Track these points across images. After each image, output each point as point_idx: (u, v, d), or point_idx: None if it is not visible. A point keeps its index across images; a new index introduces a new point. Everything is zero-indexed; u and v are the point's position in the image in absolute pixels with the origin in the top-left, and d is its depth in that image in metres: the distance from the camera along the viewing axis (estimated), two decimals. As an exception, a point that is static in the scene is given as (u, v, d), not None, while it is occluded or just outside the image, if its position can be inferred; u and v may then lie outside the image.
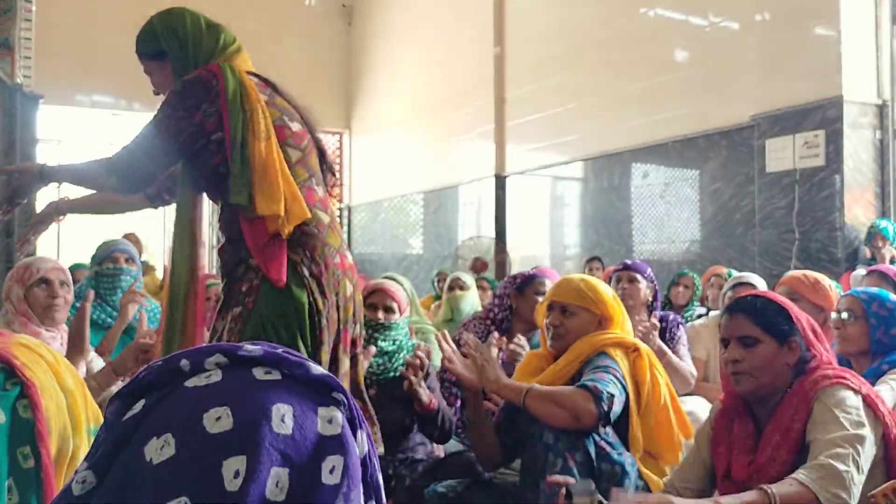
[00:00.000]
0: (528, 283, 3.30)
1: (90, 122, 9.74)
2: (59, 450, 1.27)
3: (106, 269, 3.25)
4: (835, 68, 5.02)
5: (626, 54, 6.63)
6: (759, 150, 5.46)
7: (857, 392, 1.79)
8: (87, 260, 3.69)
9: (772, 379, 1.85)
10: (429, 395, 2.51)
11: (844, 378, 1.81)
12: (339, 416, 0.64)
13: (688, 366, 3.37)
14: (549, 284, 3.27)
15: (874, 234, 4.83)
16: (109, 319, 3.14)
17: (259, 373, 0.64)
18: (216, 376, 0.63)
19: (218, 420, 0.60)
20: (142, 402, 0.64)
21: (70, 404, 1.34)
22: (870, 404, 1.79)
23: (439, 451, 2.71)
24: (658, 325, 3.27)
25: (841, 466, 1.65)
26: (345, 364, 2.04)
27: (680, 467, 2.05)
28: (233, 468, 0.58)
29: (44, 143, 8.68)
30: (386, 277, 3.67)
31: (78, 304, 2.46)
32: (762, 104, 5.45)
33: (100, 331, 3.07)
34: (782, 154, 5.29)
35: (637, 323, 3.44)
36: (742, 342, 1.86)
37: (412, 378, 2.46)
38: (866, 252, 4.94)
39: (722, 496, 1.76)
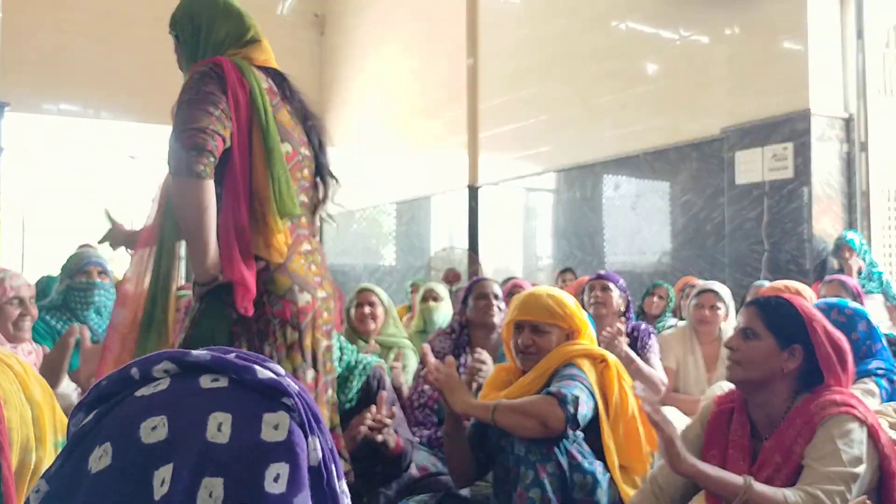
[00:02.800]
0: (470, 292, 3.34)
1: (57, 131, 9.62)
2: (21, 462, 1.23)
3: (78, 282, 3.17)
4: (803, 82, 5.08)
5: (597, 67, 6.68)
6: (729, 163, 5.51)
7: (862, 423, 1.75)
8: (52, 271, 3.61)
9: (763, 377, 1.84)
10: (395, 438, 2.45)
11: (853, 406, 1.77)
12: (287, 421, 0.62)
13: (658, 373, 3.39)
14: (493, 286, 3.30)
15: (841, 246, 4.89)
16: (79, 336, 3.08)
17: (206, 380, 0.63)
18: (164, 384, 0.63)
19: (154, 430, 0.59)
20: (94, 412, 0.64)
21: (36, 416, 1.30)
22: (872, 435, 1.75)
23: (413, 468, 2.67)
24: (623, 330, 3.29)
25: (828, 502, 1.64)
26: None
27: (663, 466, 1.98)
28: (161, 478, 0.57)
29: (8, 151, 8.58)
30: (364, 289, 3.76)
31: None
32: (732, 117, 5.50)
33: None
34: (751, 166, 5.34)
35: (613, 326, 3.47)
36: (744, 333, 1.89)
37: (377, 438, 2.36)
38: (834, 263, 4.99)
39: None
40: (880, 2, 5.28)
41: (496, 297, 3.29)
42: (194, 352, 0.65)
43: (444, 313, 4.51)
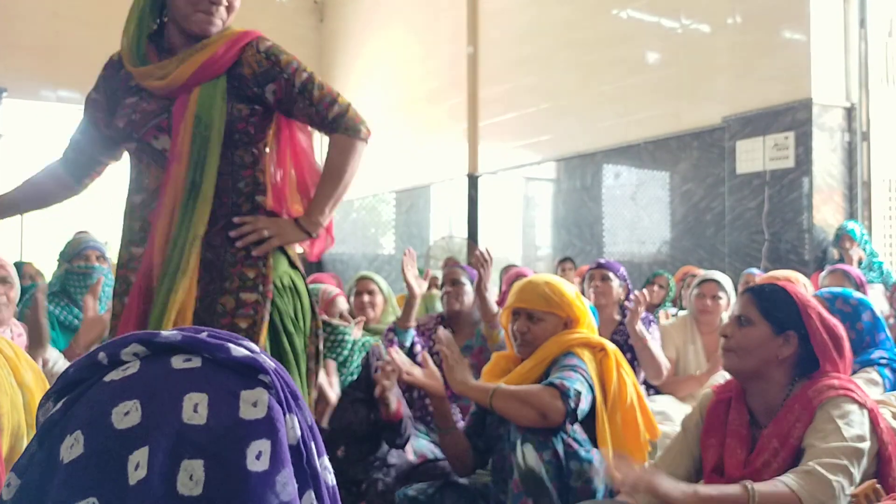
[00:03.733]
0: (444, 283, 3.36)
1: (55, 117, 9.57)
2: (12, 448, 1.22)
3: (77, 266, 3.15)
4: (804, 71, 5.06)
5: (598, 55, 6.65)
6: (730, 152, 5.49)
7: (862, 406, 1.75)
8: (41, 256, 3.58)
9: (758, 364, 1.83)
10: (397, 401, 2.47)
11: (850, 390, 1.76)
12: (266, 397, 0.61)
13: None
14: (456, 273, 3.30)
15: (842, 236, 4.88)
16: (77, 321, 3.04)
17: (177, 361, 0.61)
18: (133, 368, 0.61)
19: (126, 415, 0.58)
20: (63, 400, 0.62)
21: (27, 401, 1.29)
22: (872, 420, 1.75)
23: (411, 455, 2.67)
24: (646, 297, 3.29)
25: (832, 476, 1.61)
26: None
27: (664, 456, 2.01)
28: (136, 462, 0.56)
29: (6, 138, 8.54)
30: (363, 277, 3.77)
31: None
32: (733, 106, 5.48)
33: (67, 332, 2.98)
34: (752, 156, 5.33)
35: (609, 320, 3.46)
36: (738, 320, 1.88)
37: (385, 383, 2.39)
38: (834, 253, 4.98)
39: (703, 486, 1.74)
40: (883, -10, 5.26)
41: (455, 283, 3.29)
42: (164, 332, 0.63)
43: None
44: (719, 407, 1.92)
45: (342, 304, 2.51)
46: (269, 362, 0.64)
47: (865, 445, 1.68)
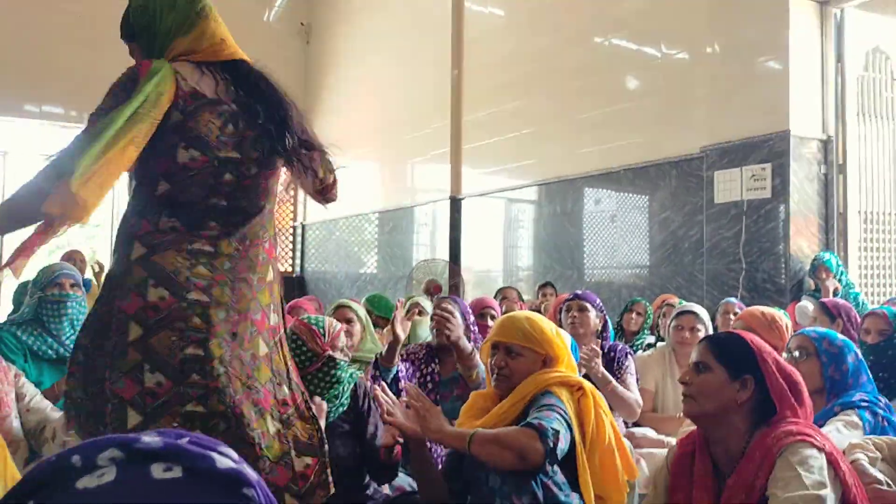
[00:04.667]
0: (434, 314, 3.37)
1: (39, 134, 9.53)
2: None
3: (51, 295, 3.09)
4: (782, 103, 5.15)
5: (580, 83, 6.73)
6: (708, 181, 5.56)
7: (821, 450, 1.77)
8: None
9: (717, 410, 1.88)
10: (397, 444, 2.47)
11: (808, 435, 1.80)
12: None
13: (633, 395, 3.41)
14: (447, 303, 3.32)
15: (818, 266, 4.95)
16: (50, 351, 3.00)
17: (157, 470, 0.57)
18: (109, 475, 0.57)
19: None
20: None
21: None
22: (832, 463, 1.78)
23: (386, 488, 2.68)
24: (599, 351, 3.32)
25: None
26: (262, 423, 1.87)
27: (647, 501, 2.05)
28: None
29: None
30: (341, 305, 3.77)
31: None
32: (712, 136, 5.56)
33: (39, 362, 2.95)
34: (730, 185, 5.40)
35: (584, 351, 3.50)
36: (696, 367, 1.94)
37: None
38: (810, 283, 5.06)
39: None
40: (859, 26, 5.37)
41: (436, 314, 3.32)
42: (144, 437, 0.59)
43: (427, 327, 4.53)
44: (684, 459, 1.96)
45: (343, 340, 2.54)
46: (252, 474, 0.61)
47: (826, 492, 1.70)
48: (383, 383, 2.37)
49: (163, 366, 1.78)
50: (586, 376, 3.35)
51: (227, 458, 0.60)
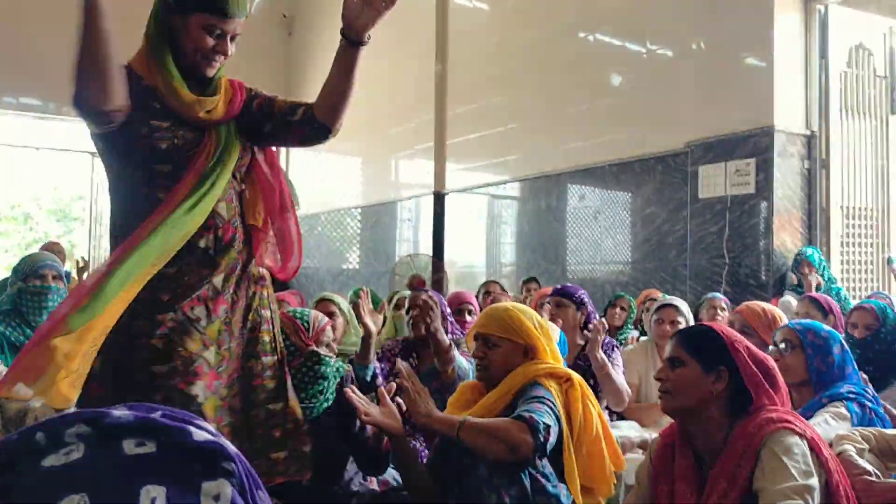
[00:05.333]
0: (410, 307, 3.39)
1: (16, 126, 9.41)
2: None
3: (32, 286, 3.03)
4: (767, 99, 5.16)
5: (565, 78, 6.72)
6: (693, 177, 5.57)
7: (802, 436, 1.79)
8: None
9: (694, 403, 1.89)
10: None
11: (789, 422, 1.81)
12: (229, 491, 0.55)
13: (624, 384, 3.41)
14: (415, 299, 3.33)
15: (801, 261, 4.97)
16: (26, 341, 2.96)
17: (129, 446, 0.54)
18: (77, 452, 0.53)
19: None
20: None
21: None
22: (815, 449, 1.79)
23: (374, 482, 2.65)
24: (606, 326, 3.33)
25: None
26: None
27: (632, 494, 2.05)
28: None
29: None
30: (323, 298, 3.73)
31: None
32: (696, 132, 5.57)
33: (17, 353, 2.89)
34: (714, 181, 5.41)
35: (570, 345, 3.49)
36: (670, 362, 1.96)
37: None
38: (793, 278, 5.07)
39: None
40: (842, 23, 5.39)
41: (413, 308, 3.32)
42: (114, 412, 0.55)
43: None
44: (665, 451, 1.98)
45: (329, 334, 2.49)
46: (232, 447, 0.58)
47: (814, 481, 1.72)
48: (352, 385, 2.34)
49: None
50: (582, 356, 3.35)
51: (203, 432, 0.57)
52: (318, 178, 10.25)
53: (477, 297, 5.84)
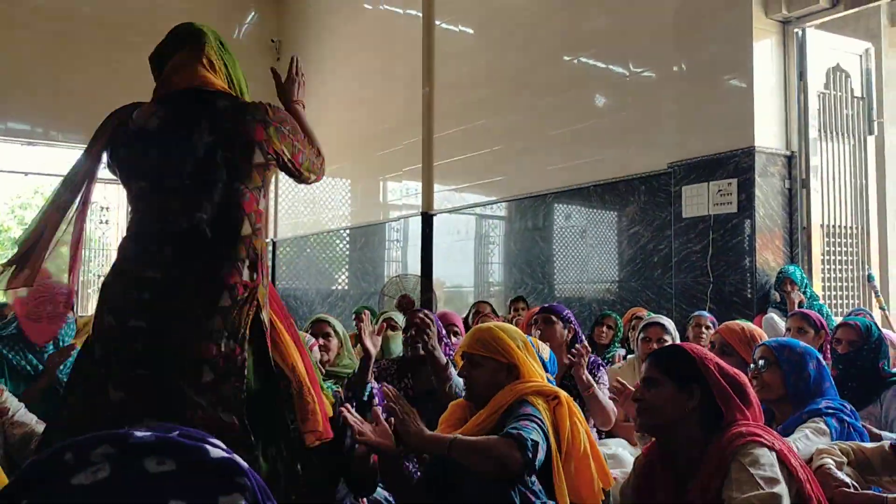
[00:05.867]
0: (408, 328, 3.41)
1: (3, 152, 9.42)
2: None
3: None
4: (747, 120, 5.26)
5: (550, 100, 6.82)
6: (676, 196, 5.66)
7: (771, 448, 1.84)
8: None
9: (670, 420, 1.95)
10: (373, 455, 2.47)
11: (758, 435, 1.87)
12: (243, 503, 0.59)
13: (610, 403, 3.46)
14: (395, 316, 3.36)
15: (783, 279, 5.04)
16: (29, 367, 2.95)
17: (151, 464, 0.58)
18: (104, 471, 0.57)
19: None
20: None
21: None
22: (783, 460, 1.84)
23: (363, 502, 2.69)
24: (589, 350, 3.38)
25: None
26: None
27: None
28: None
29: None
30: (319, 319, 3.77)
31: None
32: (679, 152, 5.66)
33: (17, 379, 2.91)
34: (697, 200, 5.50)
35: (559, 361, 3.54)
36: (645, 383, 2.02)
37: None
38: (776, 296, 5.15)
39: None
40: (820, 45, 5.51)
41: (410, 327, 3.34)
42: (136, 432, 0.60)
43: (400, 342, 4.54)
44: (648, 468, 2.04)
45: (316, 354, 2.52)
46: (244, 463, 0.62)
47: (781, 488, 1.77)
48: (347, 405, 2.38)
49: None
50: (569, 375, 3.41)
51: (218, 449, 0.61)
52: (307, 201, 10.31)
53: (467, 317, 5.90)
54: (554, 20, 6.83)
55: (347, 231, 9.62)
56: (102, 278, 2.02)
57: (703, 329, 4.44)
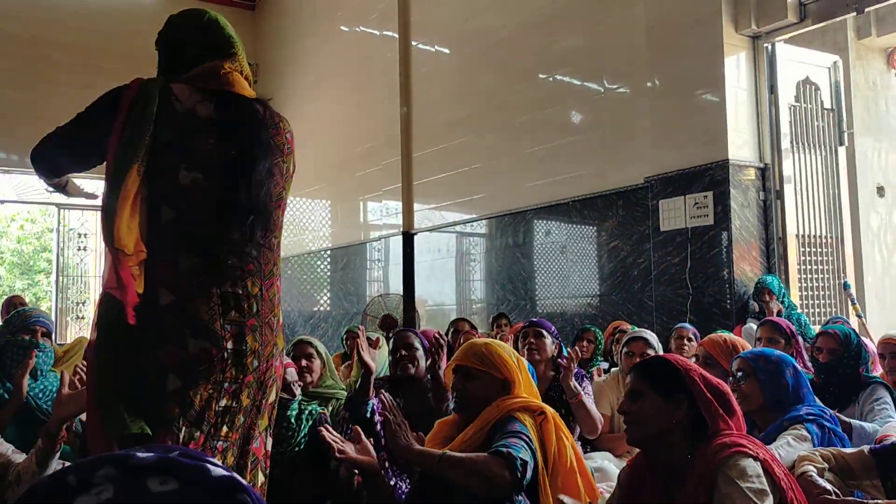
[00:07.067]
0: (396, 348, 3.42)
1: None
2: None
3: (20, 340, 3.04)
4: (721, 134, 5.35)
5: (527, 118, 6.90)
6: (654, 210, 5.73)
7: (756, 458, 1.87)
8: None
9: (657, 432, 1.98)
10: (355, 473, 2.48)
11: (743, 446, 1.89)
12: None
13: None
14: (406, 337, 3.38)
15: (761, 289, 5.11)
16: (6, 395, 2.95)
17: (154, 484, 0.58)
18: (107, 492, 0.57)
19: None
20: None
21: None
22: (768, 469, 1.87)
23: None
24: (579, 354, 3.41)
25: None
26: (254, 476, 1.90)
27: None
28: None
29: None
30: (301, 341, 3.77)
31: None
32: (655, 167, 5.74)
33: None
34: (674, 214, 5.58)
35: (543, 377, 3.58)
36: (631, 395, 2.04)
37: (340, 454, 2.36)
38: (754, 306, 5.21)
39: None
40: (789, 59, 5.63)
41: (409, 347, 3.35)
42: (137, 454, 0.60)
43: (382, 362, 4.55)
44: (634, 481, 2.06)
45: (292, 376, 2.52)
46: (243, 481, 0.63)
47: (769, 500, 1.81)
48: (326, 425, 2.39)
49: (198, 421, 1.77)
50: (553, 387, 3.44)
51: (218, 468, 0.62)
52: (287, 223, 10.31)
53: (446, 335, 5.91)
54: (529, 39, 6.92)
55: (328, 252, 9.63)
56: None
57: (686, 341, 4.49)
